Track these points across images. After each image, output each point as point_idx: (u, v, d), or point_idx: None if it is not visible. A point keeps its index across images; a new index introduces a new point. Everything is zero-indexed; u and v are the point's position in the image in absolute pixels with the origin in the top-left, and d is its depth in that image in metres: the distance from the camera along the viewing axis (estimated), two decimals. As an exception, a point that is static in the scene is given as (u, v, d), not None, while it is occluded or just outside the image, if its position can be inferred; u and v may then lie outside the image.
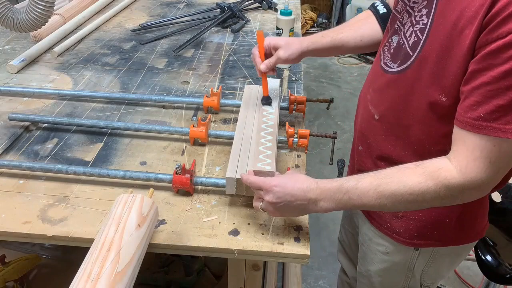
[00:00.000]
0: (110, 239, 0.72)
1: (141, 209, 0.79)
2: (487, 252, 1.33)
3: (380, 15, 1.07)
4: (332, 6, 4.62)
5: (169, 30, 1.84)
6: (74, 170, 0.97)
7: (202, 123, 1.10)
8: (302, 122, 1.23)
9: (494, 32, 0.67)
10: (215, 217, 0.90)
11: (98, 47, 1.67)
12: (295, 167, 1.06)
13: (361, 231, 1.11)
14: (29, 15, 1.39)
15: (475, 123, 0.71)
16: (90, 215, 0.90)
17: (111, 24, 1.91)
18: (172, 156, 1.09)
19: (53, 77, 1.44)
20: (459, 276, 2.12)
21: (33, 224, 0.87)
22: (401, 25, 0.88)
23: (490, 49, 0.68)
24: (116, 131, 1.17)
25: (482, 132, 0.71)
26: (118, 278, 0.67)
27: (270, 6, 2.12)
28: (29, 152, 1.09)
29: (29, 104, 1.29)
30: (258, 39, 1.09)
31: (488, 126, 0.70)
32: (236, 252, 0.84)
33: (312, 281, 2.09)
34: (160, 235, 0.85)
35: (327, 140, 1.08)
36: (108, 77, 1.45)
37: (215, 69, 1.53)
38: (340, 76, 4.07)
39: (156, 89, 1.39)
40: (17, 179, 0.99)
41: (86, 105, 1.29)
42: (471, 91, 0.71)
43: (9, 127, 1.18)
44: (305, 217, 0.91)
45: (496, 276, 1.32)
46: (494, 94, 0.69)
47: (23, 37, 1.71)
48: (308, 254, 0.84)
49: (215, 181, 0.95)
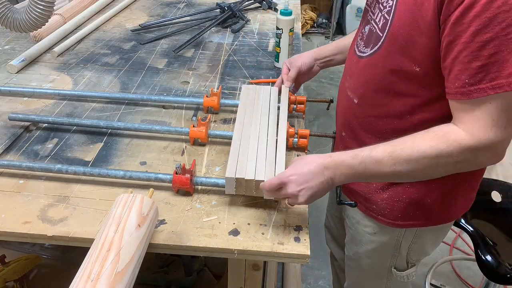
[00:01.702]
0: (110, 239, 0.72)
1: (141, 209, 0.79)
2: (487, 252, 1.33)
3: None
4: (332, 6, 4.61)
5: (169, 30, 1.84)
6: (74, 170, 0.97)
7: (202, 123, 1.10)
8: (302, 122, 1.23)
9: (452, 1, 0.71)
10: (215, 217, 0.90)
11: (98, 47, 1.67)
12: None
13: (348, 215, 1.13)
14: (29, 15, 1.39)
15: (463, 90, 0.74)
16: (90, 215, 0.90)
17: (111, 24, 1.91)
18: (172, 156, 1.09)
19: (53, 77, 1.44)
20: (459, 276, 2.12)
21: (33, 224, 0.87)
22: (372, 15, 0.93)
23: (455, 18, 0.72)
24: (116, 131, 1.17)
25: (472, 96, 0.73)
26: (118, 278, 0.67)
27: (270, 6, 2.12)
28: (29, 152, 1.09)
29: (29, 104, 1.29)
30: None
31: (476, 89, 0.72)
32: (236, 252, 0.84)
33: (312, 281, 2.09)
34: (160, 235, 0.85)
35: (327, 140, 1.08)
36: (108, 77, 1.45)
37: (215, 69, 1.53)
38: (340, 76, 4.06)
39: (156, 89, 1.39)
40: (17, 179, 0.99)
41: (86, 105, 1.29)
42: (452, 63, 0.75)
43: (9, 127, 1.18)
44: (305, 217, 0.91)
45: (496, 276, 1.32)
46: (470, 58, 0.72)
47: (23, 37, 1.71)
48: (308, 254, 0.84)
49: (215, 181, 0.95)
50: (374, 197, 1.01)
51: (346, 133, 1.04)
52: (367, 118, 0.96)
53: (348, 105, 1.00)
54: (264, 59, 1.61)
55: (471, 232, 1.40)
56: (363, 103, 0.96)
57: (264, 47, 1.72)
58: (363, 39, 0.96)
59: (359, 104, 0.96)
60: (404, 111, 0.89)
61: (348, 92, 0.99)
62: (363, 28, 0.97)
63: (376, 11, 0.90)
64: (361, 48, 0.96)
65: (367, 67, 0.92)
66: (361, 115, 0.97)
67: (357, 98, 0.97)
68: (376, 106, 0.93)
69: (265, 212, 0.92)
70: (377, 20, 0.89)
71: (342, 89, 1.05)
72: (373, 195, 1.01)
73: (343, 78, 1.05)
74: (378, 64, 0.89)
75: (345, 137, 1.04)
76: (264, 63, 1.58)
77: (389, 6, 0.85)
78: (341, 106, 1.05)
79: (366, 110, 0.95)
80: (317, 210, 2.45)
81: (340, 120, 1.06)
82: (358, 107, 0.97)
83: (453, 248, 2.28)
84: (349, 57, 1.03)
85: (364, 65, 0.93)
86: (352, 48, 1.02)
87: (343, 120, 1.04)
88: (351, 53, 1.02)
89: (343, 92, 1.03)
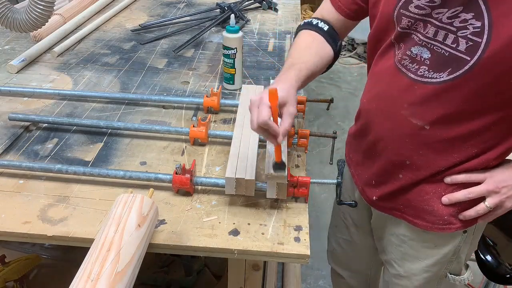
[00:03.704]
0: (110, 239, 0.72)
1: (141, 209, 0.79)
2: (487, 252, 1.33)
3: (326, 32, 1.04)
4: (332, 6, 4.61)
5: (169, 30, 1.84)
6: (74, 170, 0.97)
7: (202, 123, 1.10)
8: (302, 122, 1.23)
9: None
10: (215, 217, 0.91)
11: (98, 47, 1.67)
12: (295, 167, 1.06)
13: (394, 234, 1.08)
14: (29, 15, 1.39)
15: None
16: (90, 215, 0.90)
17: (111, 24, 1.91)
18: (172, 156, 1.09)
19: (53, 77, 1.44)
20: (459, 276, 2.11)
21: (33, 224, 0.87)
22: (421, 36, 0.85)
23: None
24: (116, 131, 1.17)
25: None
26: (118, 278, 0.67)
27: (270, 6, 2.12)
28: (29, 152, 1.09)
29: (29, 104, 1.29)
30: (270, 99, 0.81)
31: None
32: (236, 252, 0.84)
33: (312, 281, 2.09)
34: (160, 235, 0.85)
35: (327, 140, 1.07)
36: (108, 77, 1.45)
37: (215, 69, 1.53)
38: (340, 76, 4.07)
39: (156, 89, 1.39)
40: (17, 179, 0.99)
41: (86, 105, 1.29)
42: None
43: (9, 127, 1.18)
44: (305, 217, 0.91)
45: (496, 276, 1.32)
46: None
47: (23, 37, 1.71)
48: (308, 254, 0.84)
49: (215, 181, 0.95)
50: (439, 210, 0.97)
51: (412, 162, 0.95)
52: (444, 141, 0.90)
53: (414, 132, 0.91)
54: (264, 59, 1.61)
55: (471, 232, 1.40)
56: (438, 127, 0.89)
57: (264, 47, 1.72)
58: (419, 63, 0.86)
59: (432, 129, 0.89)
60: (490, 124, 0.85)
61: (413, 120, 0.90)
62: (407, 50, 0.88)
63: (435, 33, 0.83)
64: (424, 73, 0.86)
65: (444, 92, 0.85)
66: (436, 139, 0.90)
67: (429, 125, 0.89)
68: (456, 128, 0.87)
69: (265, 212, 0.92)
70: (449, 42, 0.81)
71: (392, 116, 0.94)
72: (439, 208, 0.96)
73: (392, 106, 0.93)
74: (463, 89, 0.82)
75: (410, 165, 0.96)
76: (264, 63, 1.58)
77: (475, 27, 0.77)
78: (398, 133, 0.94)
79: (442, 133, 0.89)
80: (317, 210, 2.45)
81: (398, 150, 0.96)
82: (432, 132, 0.90)
83: (453, 248, 2.27)
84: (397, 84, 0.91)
85: (438, 91, 0.85)
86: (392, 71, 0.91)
87: (405, 148, 0.94)
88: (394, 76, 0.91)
89: (398, 119, 0.92)
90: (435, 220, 0.97)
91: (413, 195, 0.98)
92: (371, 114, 0.99)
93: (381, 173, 1.02)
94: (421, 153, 0.93)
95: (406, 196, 0.99)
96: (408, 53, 0.88)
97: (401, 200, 1.00)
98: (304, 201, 0.96)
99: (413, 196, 0.98)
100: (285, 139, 0.91)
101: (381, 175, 1.02)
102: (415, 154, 0.94)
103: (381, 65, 0.95)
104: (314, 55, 1.00)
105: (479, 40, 0.77)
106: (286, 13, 2.08)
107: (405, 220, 1.02)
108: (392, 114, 0.93)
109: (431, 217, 0.98)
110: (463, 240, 1.01)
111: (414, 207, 0.99)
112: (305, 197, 0.95)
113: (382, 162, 1.00)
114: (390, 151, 0.97)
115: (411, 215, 1.01)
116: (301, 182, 0.93)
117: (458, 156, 0.90)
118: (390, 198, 1.02)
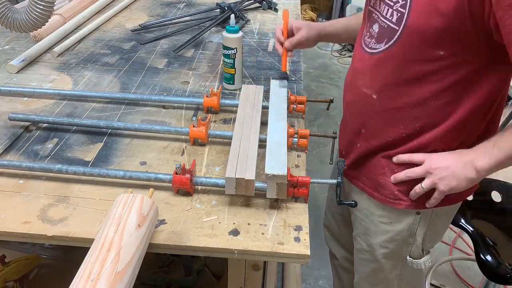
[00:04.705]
0: (110, 239, 0.72)
1: (141, 209, 0.79)
2: (487, 252, 1.33)
3: None
4: (332, 6, 4.62)
5: (169, 30, 1.84)
6: (74, 170, 0.97)
7: (202, 123, 1.10)
8: (302, 122, 1.23)
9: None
10: (215, 217, 0.91)
11: (98, 47, 1.67)
12: (295, 167, 1.06)
13: (359, 208, 1.15)
14: (29, 15, 1.39)
15: None
16: (90, 215, 0.90)
17: (111, 24, 1.91)
18: (172, 156, 1.09)
19: (53, 77, 1.44)
20: (459, 276, 2.12)
21: (33, 224, 0.87)
22: (378, 13, 0.96)
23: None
24: (116, 131, 1.17)
25: None
26: (118, 278, 0.67)
27: (270, 6, 2.12)
28: (29, 152, 1.09)
29: (29, 104, 1.29)
30: (284, 18, 1.23)
31: None
32: (236, 252, 0.84)
33: (312, 281, 2.09)
34: (160, 235, 0.85)
35: (327, 140, 1.08)
36: (108, 77, 1.45)
37: (215, 69, 1.53)
38: (340, 76, 4.07)
39: (156, 89, 1.39)
40: (17, 179, 0.99)
41: (86, 105, 1.29)
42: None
43: (9, 127, 1.18)
44: (305, 217, 0.91)
45: (496, 276, 1.32)
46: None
47: (23, 37, 1.71)
48: (308, 254, 0.84)
49: (215, 181, 0.95)
50: (390, 184, 1.04)
51: (366, 130, 1.05)
52: (389, 111, 0.98)
53: (366, 101, 1.02)
54: (264, 59, 1.61)
55: (471, 232, 1.41)
56: (383, 97, 0.98)
57: (264, 47, 1.72)
58: (372, 37, 0.99)
59: (378, 98, 0.99)
60: (428, 97, 0.92)
61: (364, 89, 1.01)
62: (370, 28, 1.00)
63: (384, 8, 0.94)
64: (372, 45, 0.99)
65: (382, 61, 0.95)
66: (382, 108, 0.99)
67: (376, 93, 0.99)
68: (397, 97, 0.96)
69: (265, 212, 0.92)
70: (388, 16, 0.93)
71: (353, 88, 1.07)
72: (391, 183, 1.04)
73: (353, 78, 1.06)
74: (396, 56, 0.92)
75: (364, 134, 1.06)
76: (264, 63, 1.58)
77: (403, 0, 0.89)
78: (356, 104, 1.06)
79: (387, 103, 0.98)
80: (317, 210, 2.45)
81: (357, 119, 1.07)
82: (378, 102, 0.99)
83: (453, 248, 2.28)
84: (358, 57, 1.05)
85: (379, 60, 0.96)
86: (358, 48, 1.05)
87: (361, 117, 1.05)
88: (359, 52, 1.04)
89: (356, 90, 1.05)
90: (388, 194, 1.05)
91: (371, 167, 1.07)
92: (344, 88, 1.13)
93: (348, 143, 1.13)
94: (372, 122, 1.03)
95: (366, 168, 1.09)
96: (370, 30, 1.00)
97: (362, 171, 1.10)
98: (304, 201, 0.96)
99: (371, 168, 1.07)
100: (292, 51, 1.26)
101: (348, 145, 1.13)
102: (368, 123, 1.04)
103: (357, 44, 1.06)
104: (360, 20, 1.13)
105: (403, 11, 0.89)
106: (286, 13, 2.08)
107: (365, 192, 1.11)
108: (353, 86, 1.06)
109: (384, 191, 1.05)
110: (417, 222, 1.06)
111: (373, 179, 1.08)
112: (305, 197, 0.95)
113: (349, 132, 1.12)
114: (352, 120, 1.10)
115: (370, 187, 1.09)
116: (301, 182, 0.93)
117: (404, 128, 0.98)
118: (354, 167, 1.12)
